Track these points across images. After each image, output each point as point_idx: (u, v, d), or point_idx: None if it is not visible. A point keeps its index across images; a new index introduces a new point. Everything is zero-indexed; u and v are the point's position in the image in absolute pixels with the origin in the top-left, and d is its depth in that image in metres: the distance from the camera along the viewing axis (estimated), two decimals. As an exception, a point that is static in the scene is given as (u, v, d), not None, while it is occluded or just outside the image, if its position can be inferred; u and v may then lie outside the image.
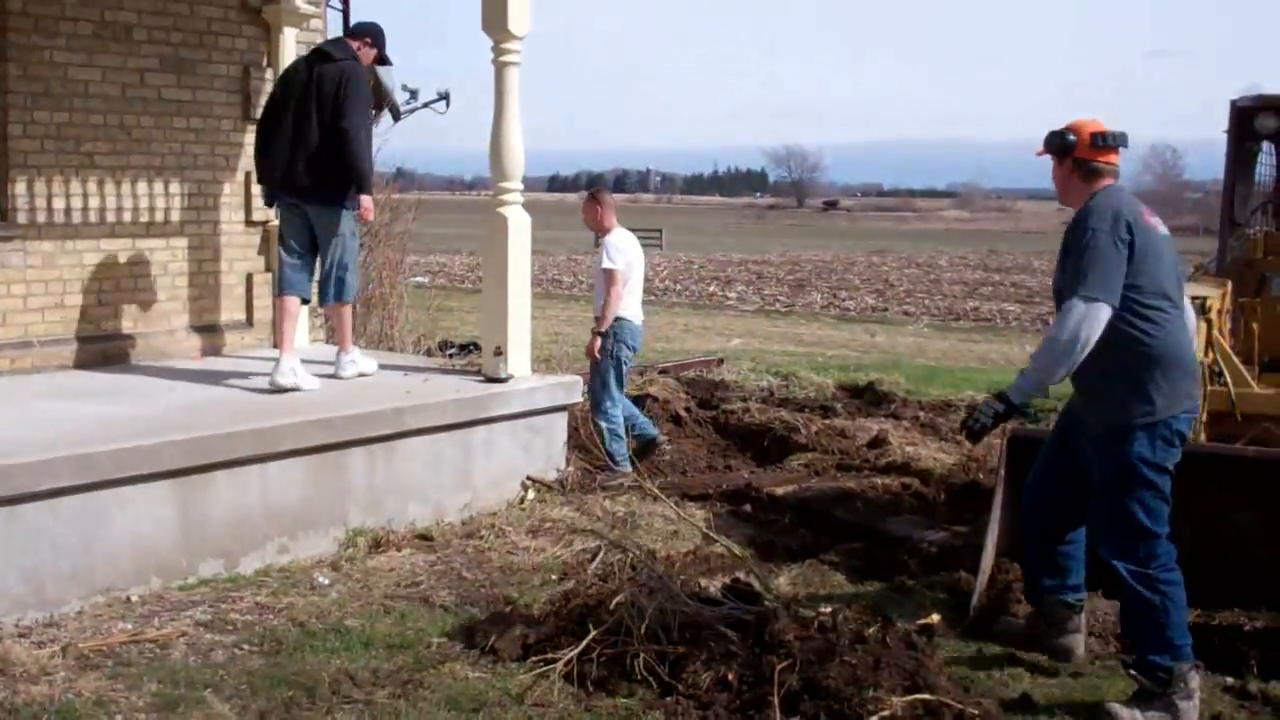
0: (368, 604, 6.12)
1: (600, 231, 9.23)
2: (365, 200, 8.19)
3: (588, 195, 9.47)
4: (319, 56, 8.11)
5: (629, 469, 8.65)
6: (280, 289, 8.30)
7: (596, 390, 9.01)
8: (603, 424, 8.95)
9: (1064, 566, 5.67)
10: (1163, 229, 5.30)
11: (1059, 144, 5.40)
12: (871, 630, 5.09)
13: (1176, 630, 5.06)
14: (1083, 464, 5.39)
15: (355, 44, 8.28)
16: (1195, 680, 5.03)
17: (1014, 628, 5.84)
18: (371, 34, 8.40)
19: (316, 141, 7.94)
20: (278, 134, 8.08)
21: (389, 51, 8.70)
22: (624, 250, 9.04)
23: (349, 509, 7.10)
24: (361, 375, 8.36)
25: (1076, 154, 5.36)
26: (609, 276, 8.91)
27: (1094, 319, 5.00)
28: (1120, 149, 5.37)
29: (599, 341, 8.88)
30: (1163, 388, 5.08)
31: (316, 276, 8.43)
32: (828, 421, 10.73)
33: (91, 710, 4.77)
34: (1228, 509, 6.19)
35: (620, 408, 9.09)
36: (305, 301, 8.45)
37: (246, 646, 5.52)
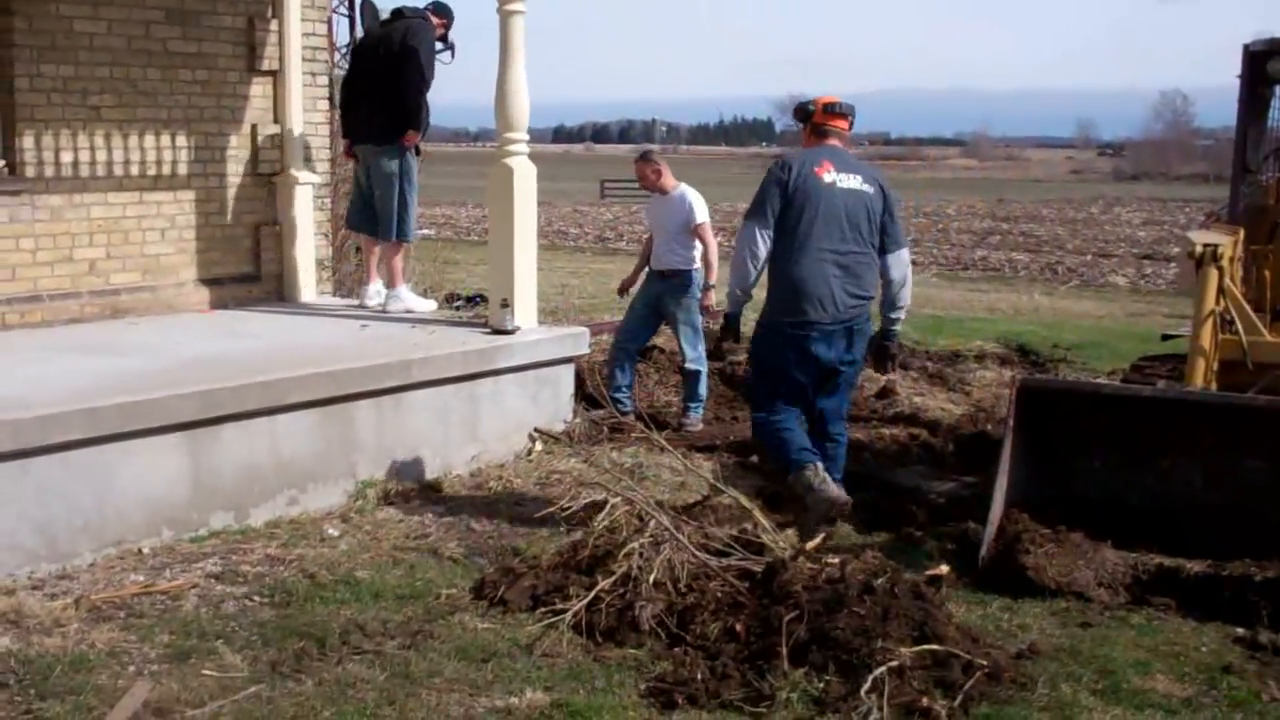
0: (377, 555, 6.15)
1: (661, 191, 9.22)
2: (410, 134, 8.94)
3: (643, 158, 9.46)
4: (393, 16, 9.08)
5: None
6: (350, 223, 9.76)
7: (691, 339, 9.14)
8: (703, 370, 9.22)
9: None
10: (848, 184, 6.49)
11: (802, 113, 6.87)
12: (880, 581, 5.10)
13: (788, 448, 6.49)
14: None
15: (435, 20, 9.08)
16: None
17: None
18: (448, 16, 9.27)
19: (376, 88, 8.88)
20: (355, 89, 9.18)
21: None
22: (704, 202, 9.27)
23: (358, 461, 7.11)
24: (409, 312, 8.97)
25: (814, 119, 6.77)
26: (703, 229, 9.05)
27: (746, 235, 6.52)
28: (848, 116, 6.78)
29: (713, 295, 9.02)
30: (777, 300, 6.52)
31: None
32: (836, 372, 10.70)
33: (104, 661, 4.80)
34: (1239, 458, 6.18)
35: None
36: (375, 237, 9.35)
37: (257, 598, 5.55)
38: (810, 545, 5.84)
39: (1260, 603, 5.51)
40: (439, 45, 9.13)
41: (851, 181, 6.54)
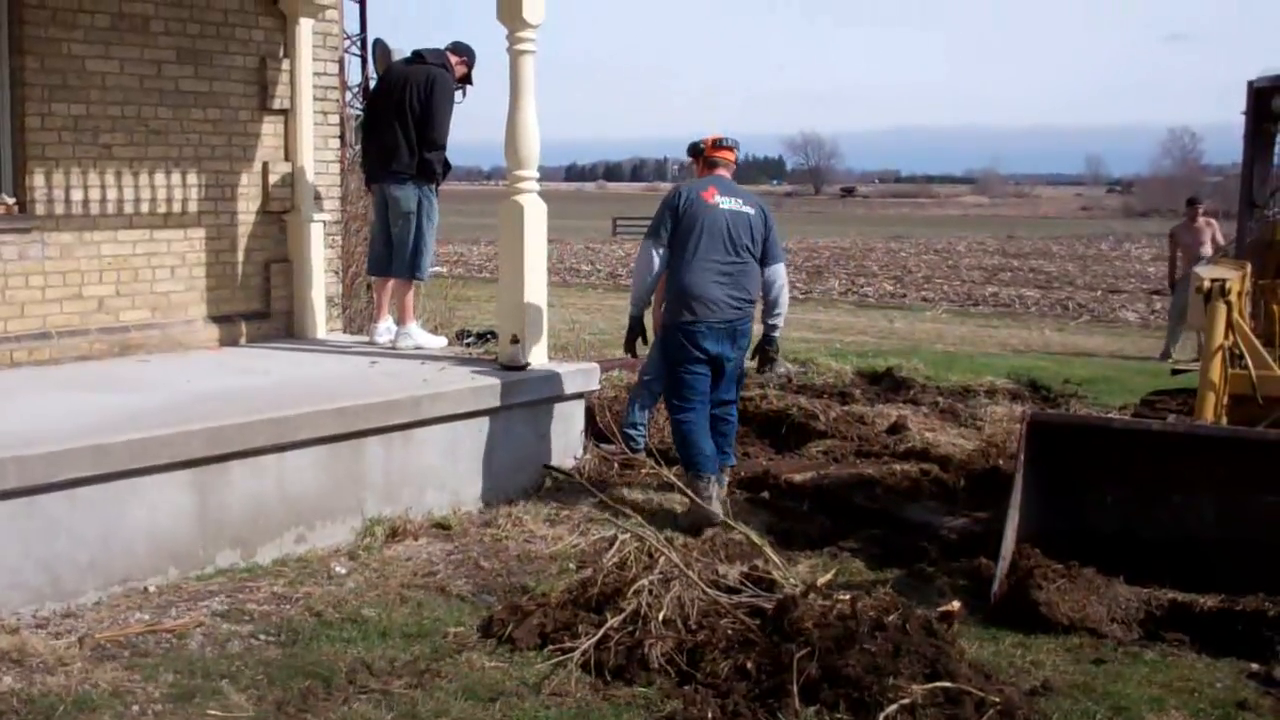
0: (385, 593, 6.11)
1: None
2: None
3: None
4: (414, 58, 9.14)
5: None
6: (368, 268, 9.91)
7: None
8: None
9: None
10: (730, 205, 7.59)
11: (695, 149, 8.19)
12: (891, 618, 5.06)
13: (693, 450, 7.50)
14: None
15: (454, 59, 9.13)
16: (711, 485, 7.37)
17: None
18: (469, 55, 9.33)
19: (398, 129, 8.89)
20: (372, 126, 9.23)
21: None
22: None
23: (366, 498, 7.09)
24: (419, 349, 9.00)
25: (705, 154, 8.00)
26: None
27: (643, 252, 7.72)
28: (733, 149, 7.94)
29: None
30: (673, 304, 7.56)
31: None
32: (846, 408, 10.68)
33: (108, 700, 4.77)
34: (1250, 492, 6.14)
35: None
36: (390, 276, 9.32)
37: (263, 637, 5.52)
38: (821, 581, 5.80)
39: (1274, 638, 5.47)
40: (457, 85, 9.15)
41: (734, 204, 7.64)
